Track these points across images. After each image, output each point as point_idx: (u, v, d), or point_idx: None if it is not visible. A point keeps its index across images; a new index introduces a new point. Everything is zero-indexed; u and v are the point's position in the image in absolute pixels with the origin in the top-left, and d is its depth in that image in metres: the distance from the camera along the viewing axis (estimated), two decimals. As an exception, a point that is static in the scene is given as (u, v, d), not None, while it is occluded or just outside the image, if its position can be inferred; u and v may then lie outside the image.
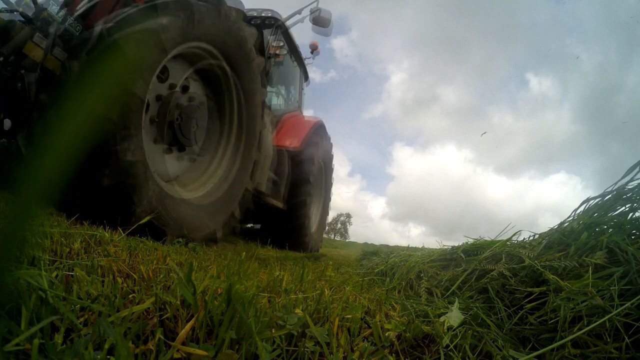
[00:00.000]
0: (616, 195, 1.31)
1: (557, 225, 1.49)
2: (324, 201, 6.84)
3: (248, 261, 1.72)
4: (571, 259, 1.13)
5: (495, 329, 0.95)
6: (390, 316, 1.04)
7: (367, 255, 4.40)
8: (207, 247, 2.40)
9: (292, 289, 1.07)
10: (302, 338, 0.71)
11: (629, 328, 0.80)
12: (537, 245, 1.40)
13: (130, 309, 0.63)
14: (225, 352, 0.56)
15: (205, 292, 0.77)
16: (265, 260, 2.24)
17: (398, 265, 2.09)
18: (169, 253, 1.44)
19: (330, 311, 0.89)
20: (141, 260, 1.13)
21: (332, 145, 6.65)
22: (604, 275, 0.98)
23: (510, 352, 0.78)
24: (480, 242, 1.78)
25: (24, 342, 0.47)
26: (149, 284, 0.87)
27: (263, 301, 0.82)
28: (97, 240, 1.31)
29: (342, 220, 68.67)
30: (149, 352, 0.54)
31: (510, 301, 1.14)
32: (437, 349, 0.81)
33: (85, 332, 0.54)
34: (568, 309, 0.88)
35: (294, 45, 5.57)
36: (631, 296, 0.86)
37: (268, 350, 0.59)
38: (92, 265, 0.89)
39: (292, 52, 5.64)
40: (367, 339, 0.80)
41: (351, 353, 0.69)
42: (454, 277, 1.51)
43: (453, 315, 0.96)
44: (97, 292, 0.69)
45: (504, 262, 1.35)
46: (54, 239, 1.08)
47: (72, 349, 0.47)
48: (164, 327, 0.65)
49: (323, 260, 3.53)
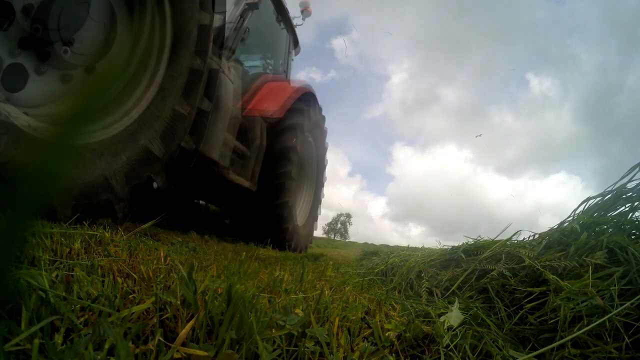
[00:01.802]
0: (616, 195, 1.31)
1: (557, 225, 1.49)
2: (316, 189, 5.65)
3: (248, 261, 1.72)
4: (571, 259, 1.13)
5: (495, 329, 0.95)
6: (390, 316, 1.04)
7: (367, 255, 4.40)
8: (205, 246, 2.40)
9: (292, 289, 1.07)
10: (302, 338, 0.71)
11: (629, 328, 0.80)
12: (537, 245, 1.40)
13: (130, 309, 0.63)
14: (225, 352, 0.56)
15: (205, 292, 0.77)
16: (265, 260, 2.24)
17: (398, 265, 2.09)
18: (169, 253, 1.44)
19: (330, 311, 0.89)
20: (141, 260, 1.13)
21: (324, 119, 5.60)
22: (604, 275, 0.98)
23: (510, 352, 0.78)
24: (480, 242, 1.78)
25: (24, 342, 0.47)
26: (149, 284, 0.87)
27: (263, 301, 0.82)
28: (98, 240, 1.31)
29: (342, 220, 68.71)
30: (149, 352, 0.54)
31: (510, 301, 1.14)
32: (437, 349, 0.81)
33: (85, 332, 0.54)
34: (568, 309, 0.88)
35: (282, 5, 4.85)
36: (631, 296, 0.86)
37: (269, 350, 0.59)
38: (92, 265, 0.89)
39: (279, 12, 4.87)
40: (367, 339, 0.80)
41: (351, 353, 0.69)
42: (454, 277, 1.51)
43: (453, 315, 0.96)
44: (97, 292, 0.69)
45: (504, 262, 1.35)
46: (54, 239, 1.08)
47: (72, 349, 0.47)
48: (164, 327, 0.65)
49: (323, 260, 3.53)
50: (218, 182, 3.42)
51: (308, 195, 5.52)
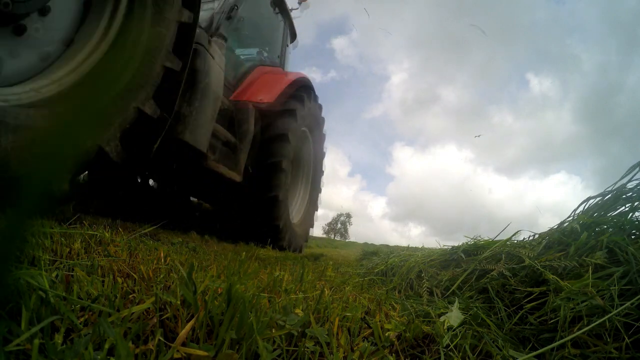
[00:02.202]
0: (616, 195, 1.31)
1: (557, 225, 1.49)
2: (312, 186, 5.33)
3: (248, 261, 1.72)
4: (571, 258, 1.13)
5: (495, 329, 0.95)
6: (390, 316, 1.04)
7: (367, 255, 4.39)
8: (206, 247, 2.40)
9: (292, 289, 1.07)
10: (302, 338, 0.71)
11: (629, 328, 0.80)
12: (537, 245, 1.40)
13: (130, 309, 0.63)
14: (225, 352, 0.56)
15: (205, 292, 0.77)
16: (265, 260, 2.24)
17: (398, 265, 2.09)
18: (169, 253, 1.44)
19: (330, 311, 0.89)
20: (141, 260, 1.13)
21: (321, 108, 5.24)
22: (604, 275, 0.98)
23: (510, 352, 0.78)
24: (480, 242, 1.78)
25: (24, 342, 0.47)
26: (149, 284, 0.87)
27: (263, 301, 0.82)
28: (98, 240, 1.31)
29: (342, 220, 68.76)
30: (149, 352, 0.54)
31: (510, 301, 1.14)
32: (437, 349, 0.81)
33: (85, 332, 0.54)
34: (568, 309, 0.88)
35: None
36: (631, 296, 0.86)
37: (269, 350, 0.59)
38: (92, 265, 0.89)
39: (276, 2, 4.71)
40: (367, 339, 0.80)
41: (351, 353, 0.69)
42: (454, 277, 1.51)
43: (453, 315, 0.96)
44: (97, 292, 0.69)
45: (503, 262, 1.35)
46: (54, 239, 1.08)
47: (72, 349, 0.47)
48: (164, 327, 0.65)
49: (323, 260, 3.53)
50: (205, 175, 3.09)
51: (302, 193, 5.17)
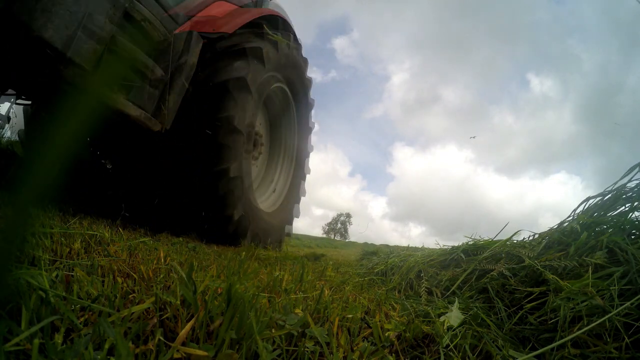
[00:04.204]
0: (616, 195, 1.31)
1: (557, 225, 1.49)
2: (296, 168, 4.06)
3: (248, 261, 1.72)
4: (571, 258, 1.13)
5: (495, 329, 0.95)
6: (390, 316, 1.04)
7: (367, 255, 4.39)
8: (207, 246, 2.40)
9: (292, 289, 1.07)
10: (302, 338, 0.71)
11: (629, 328, 0.80)
12: (537, 245, 1.40)
13: (130, 309, 0.63)
14: (225, 352, 0.56)
15: (205, 292, 0.77)
16: (265, 260, 2.24)
17: (398, 265, 2.09)
18: (169, 253, 1.44)
19: (330, 311, 0.89)
20: (141, 260, 1.13)
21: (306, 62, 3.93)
22: (604, 275, 0.98)
23: (510, 352, 0.78)
24: (480, 242, 1.78)
25: (24, 342, 0.47)
26: (149, 284, 0.87)
27: (263, 301, 0.82)
28: (97, 240, 1.31)
29: (342, 220, 68.71)
30: (149, 352, 0.54)
31: (510, 301, 1.14)
32: (437, 349, 0.81)
33: (85, 332, 0.54)
34: (568, 309, 0.88)
35: None
36: (631, 296, 0.86)
37: (269, 350, 0.59)
38: (92, 265, 0.89)
39: None
40: (367, 339, 0.80)
41: (351, 353, 0.69)
42: (454, 277, 1.51)
43: (453, 315, 0.96)
44: (97, 292, 0.69)
45: (503, 262, 1.35)
46: (54, 239, 1.08)
47: (72, 348, 0.47)
48: (164, 327, 0.65)
49: (323, 260, 3.53)
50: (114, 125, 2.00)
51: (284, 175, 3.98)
